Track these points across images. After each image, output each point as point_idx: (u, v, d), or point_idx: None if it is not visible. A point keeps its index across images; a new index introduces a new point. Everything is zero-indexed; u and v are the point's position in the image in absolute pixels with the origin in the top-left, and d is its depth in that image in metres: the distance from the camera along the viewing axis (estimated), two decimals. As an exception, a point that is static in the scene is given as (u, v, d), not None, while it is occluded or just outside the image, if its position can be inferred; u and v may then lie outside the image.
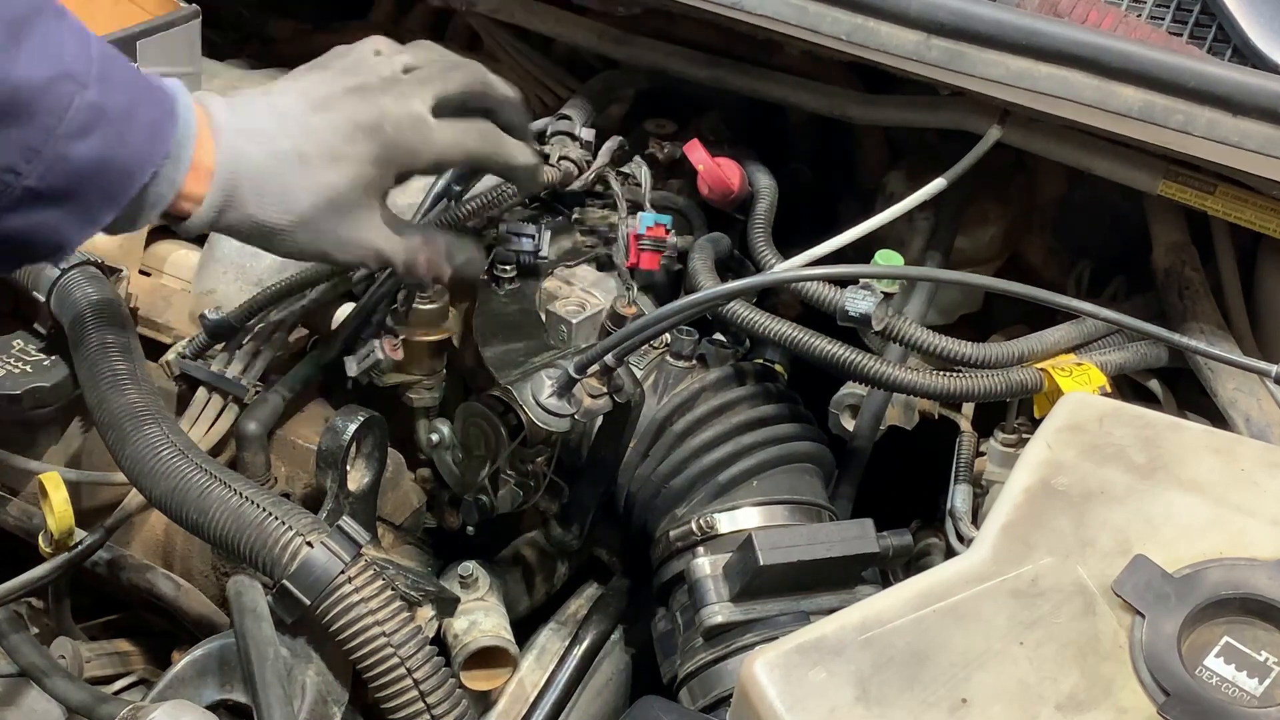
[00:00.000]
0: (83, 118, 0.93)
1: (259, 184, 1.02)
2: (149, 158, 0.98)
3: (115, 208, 0.98)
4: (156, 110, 0.98)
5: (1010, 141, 1.25)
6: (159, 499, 1.11)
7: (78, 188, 0.95)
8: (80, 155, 0.94)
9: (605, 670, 1.28)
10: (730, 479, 1.20)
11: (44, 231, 0.97)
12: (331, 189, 1.05)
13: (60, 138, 0.93)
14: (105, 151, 0.95)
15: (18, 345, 1.35)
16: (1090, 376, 1.17)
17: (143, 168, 0.97)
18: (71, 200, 0.96)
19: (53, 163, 0.93)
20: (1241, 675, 0.83)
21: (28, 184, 0.93)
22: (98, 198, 0.97)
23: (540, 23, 1.52)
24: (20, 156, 0.92)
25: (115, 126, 0.95)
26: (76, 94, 0.93)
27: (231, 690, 1.07)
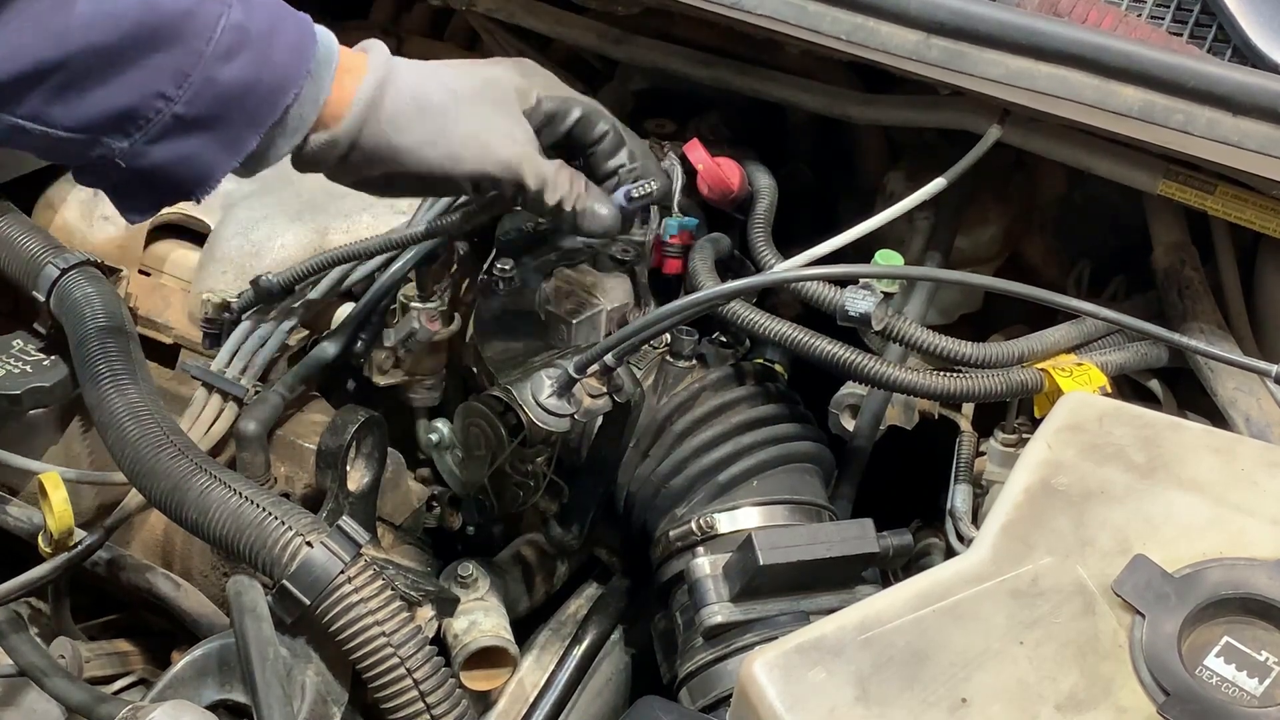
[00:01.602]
0: (229, 39, 0.94)
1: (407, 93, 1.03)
2: (293, 77, 0.99)
3: (259, 131, 0.98)
4: (296, 30, 1.00)
5: (1010, 141, 1.25)
6: (159, 499, 1.11)
7: (224, 112, 0.96)
8: (228, 77, 0.95)
9: (605, 670, 1.28)
10: (730, 479, 1.20)
11: (190, 162, 0.98)
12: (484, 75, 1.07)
13: (209, 60, 0.93)
14: (251, 72, 0.96)
15: (18, 345, 1.35)
16: (1091, 377, 1.17)
17: (285, 88, 0.98)
18: (218, 125, 0.97)
19: (201, 87, 0.94)
20: (1242, 675, 0.83)
21: (177, 110, 0.94)
22: (243, 121, 0.98)
23: (540, 23, 1.52)
24: (171, 82, 0.93)
25: (259, 47, 0.96)
26: (223, 14, 0.94)
27: (231, 690, 1.07)
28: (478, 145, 1.06)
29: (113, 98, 0.93)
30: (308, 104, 1.00)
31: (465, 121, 1.06)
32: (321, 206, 1.43)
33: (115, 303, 1.29)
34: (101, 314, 1.25)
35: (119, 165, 0.97)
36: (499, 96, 1.08)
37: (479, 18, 1.59)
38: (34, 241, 1.34)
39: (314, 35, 1.01)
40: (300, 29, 1.00)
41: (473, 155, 1.06)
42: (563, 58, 1.62)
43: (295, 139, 1.01)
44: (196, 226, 1.46)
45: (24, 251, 1.33)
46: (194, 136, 0.97)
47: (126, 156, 0.97)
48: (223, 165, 0.99)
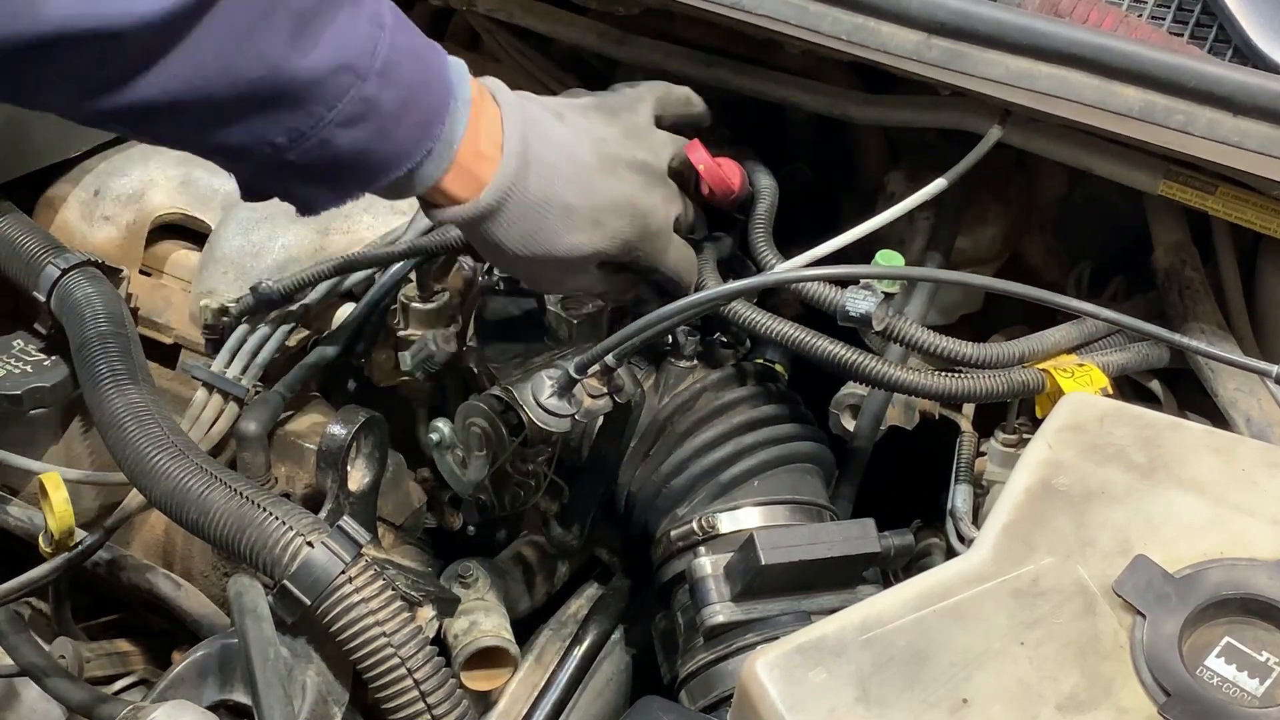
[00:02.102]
0: (354, 109, 0.96)
1: (523, 216, 1.06)
2: (409, 154, 1.01)
3: (365, 189, 1.03)
4: (428, 110, 1.01)
5: (1010, 141, 1.25)
6: (159, 499, 1.11)
7: (333, 170, 0.99)
8: (342, 143, 0.97)
9: (605, 670, 1.28)
10: (731, 479, 1.20)
11: (294, 195, 1.03)
12: (573, 248, 1.09)
13: (328, 125, 0.95)
14: (368, 144, 0.98)
15: (18, 345, 1.35)
16: (1092, 377, 1.17)
17: (400, 162, 1.00)
18: (325, 178, 1.00)
19: (315, 146, 0.96)
20: (1242, 675, 0.83)
21: (287, 158, 0.96)
22: (350, 180, 1.01)
23: (540, 23, 1.52)
24: (285, 136, 0.95)
25: (383, 122, 0.98)
26: (353, 86, 0.95)
27: (231, 690, 1.07)
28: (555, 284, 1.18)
29: (227, 137, 0.96)
30: (421, 178, 1.03)
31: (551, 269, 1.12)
32: (322, 206, 1.43)
33: (116, 303, 1.29)
34: (102, 314, 1.25)
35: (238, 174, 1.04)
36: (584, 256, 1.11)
37: (479, 18, 1.58)
38: (34, 241, 1.34)
39: (444, 112, 1.01)
40: (431, 110, 1.01)
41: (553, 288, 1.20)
42: (563, 58, 1.62)
43: (409, 195, 1.05)
44: (197, 226, 1.46)
45: (24, 251, 1.33)
46: (302, 181, 1.00)
47: (239, 173, 1.03)
48: (328, 204, 1.04)
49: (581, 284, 1.16)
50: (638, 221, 1.12)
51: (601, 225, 1.09)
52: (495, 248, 1.08)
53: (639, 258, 1.14)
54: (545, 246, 1.08)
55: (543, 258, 1.09)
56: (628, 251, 1.13)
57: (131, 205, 1.46)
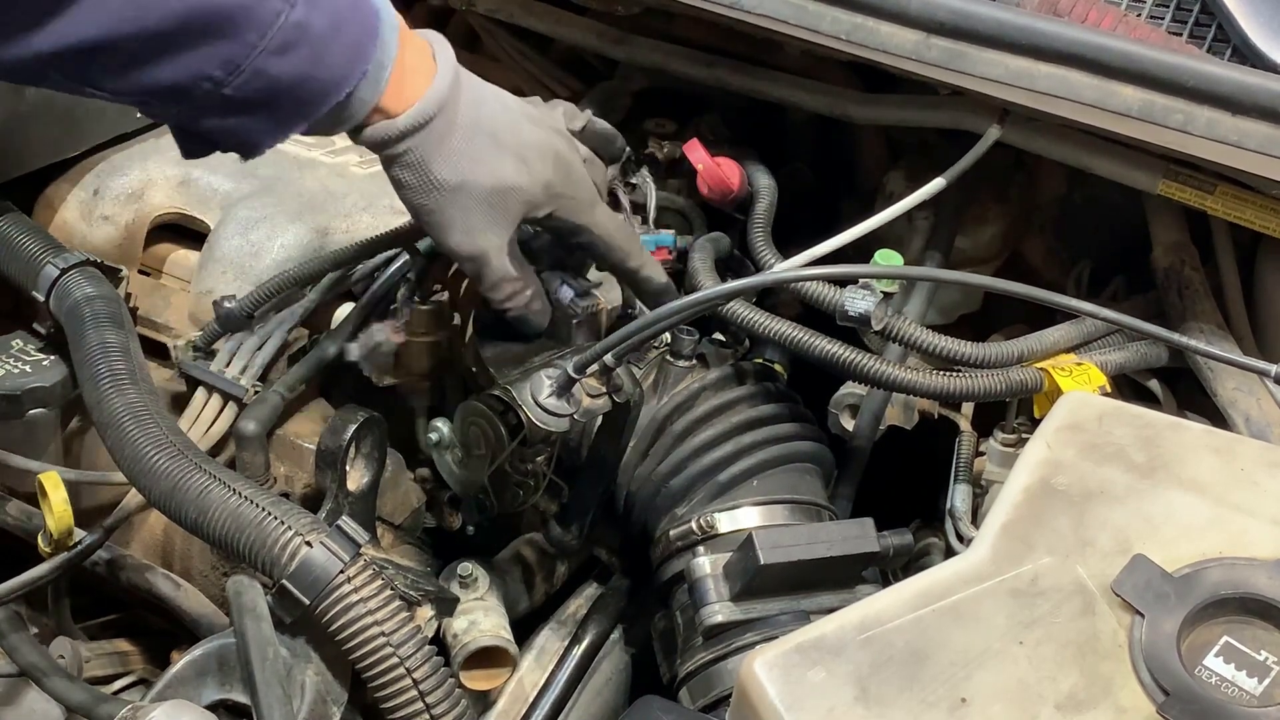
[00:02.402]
0: (285, 36, 0.97)
1: (454, 133, 1.07)
2: (345, 78, 1.02)
3: (306, 120, 1.03)
4: (359, 31, 1.02)
5: (1010, 141, 1.25)
6: (158, 499, 1.10)
7: (272, 100, 1.00)
8: (278, 71, 0.98)
9: (605, 670, 1.28)
10: (730, 478, 1.20)
11: (238, 133, 1.03)
12: (502, 177, 1.10)
13: (262, 54, 0.96)
14: (303, 69, 0.99)
15: (18, 345, 1.35)
16: (1090, 376, 1.17)
17: (338, 87, 1.02)
18: (265, 110, 1.00)
19: (251, 77, 0.97)
20: (1241, 675, 0.83)
21: (225, 92, 0.97)
22: (291, 109, 1.01)
23: (540, 23, 1.52)
24: (220, 69, 0.96)
25: (316, 46, 0.99)
26: (282, 12, 0.96)
27: (231, 690, 1.07)
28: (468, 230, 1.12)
29: (162, 76, 0.97)
30: (357, 104, 1.04)
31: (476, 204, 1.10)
32: (321, 206, 1.43)
33: (115, 303, 1.29)
34: (101, 314, 1.25)
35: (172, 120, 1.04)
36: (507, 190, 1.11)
37: (479, 17, 1.59)
38: (34, 241, 1.34)
39: (376, 35, 1.03)
40: (363, 29, 1.02)
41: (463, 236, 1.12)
42: (563, 58, 1.62)
43: (345, 127, 1.06)
44: (196, 226, 1.46)
45: (24, 251, 1.33)
46: (242, 116, 1.01)
47: (177, 119, 1.03)
48: (269, 140, 1.04)
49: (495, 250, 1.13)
50: (561, 167, 1.13)
51: (527, 163, 1.11)
52: (421, 171, 1.08)
53: (563, 209, 1.14)
54: (472, 173, 1.08)
55: (465, 187, 1.09)
56: (550, 198, 1.13)
57: (130, 205, 1.46)
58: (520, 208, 1.12)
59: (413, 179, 1.10)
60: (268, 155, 1.17)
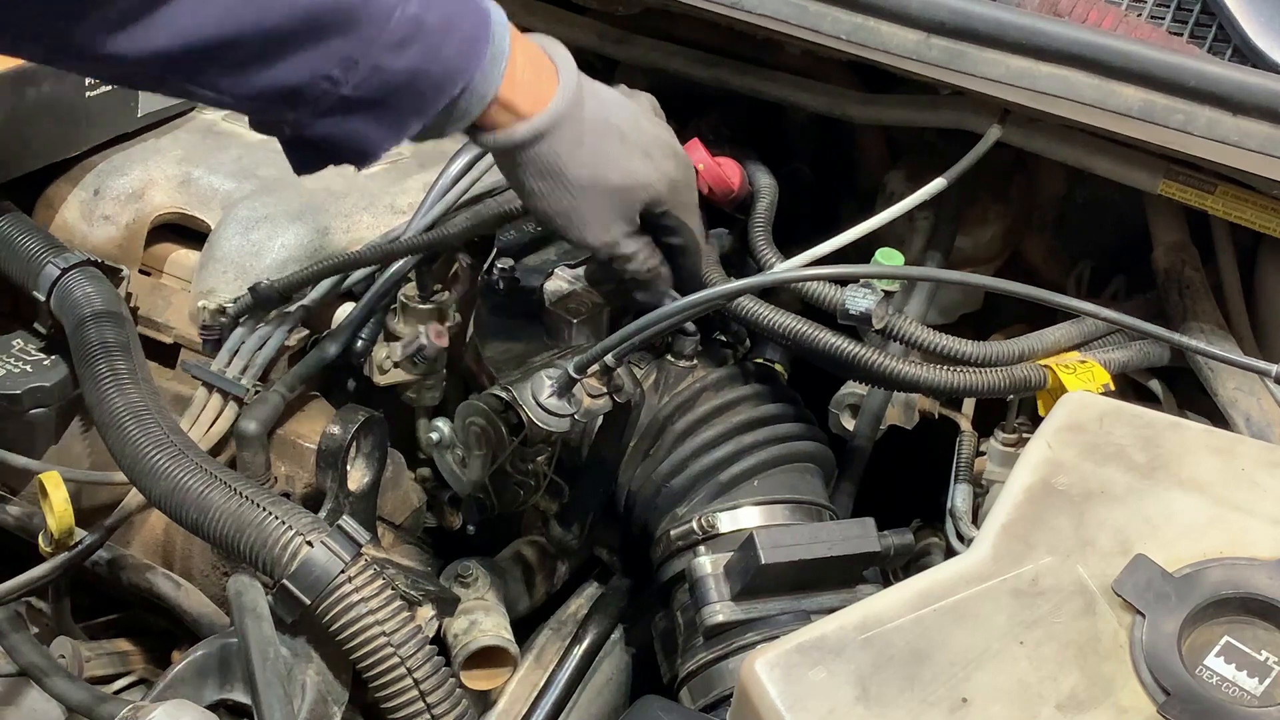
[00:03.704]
0: (403, 31, 0.97)
1: (584, 132, 1.08)
2: (461, 72, 1.01)
3: (423, 118, 1.02)
4: (472, 25, 1.02)
5: (1010, 141, 1.25)
6: (159, 499, 1.11)
7: (389, 97, 0.99)
8: (396, 67, 0.97)
9: (605, 670, 1.28)
10: (731, 478, 1.20)
11: (353, 137, 1.01)
12: (632, 174, 1.11)
13: (379, 49, 0.96)
14: (420, 64, 0.99)
15: (18, 345, 1.35)
16: (1094, 374, 1.17)
17: (454, 81, 1.01)
18: (382, 109, 0.99)
19: (369, 74, 0.97)
20: (1242, 675, 0.83)
21: (344, 93, 0.97)
22: (408, 107, 1.01)
23: (540, 23, 1.52)
24: (339, 66, 0.96)
25: (432, 40, 0.99)
26: (399, 6, 0.96)
27: (231, 690, 1.07)
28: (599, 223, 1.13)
29: (280, 77, 0.96)
30: (473, 98, 1.03)
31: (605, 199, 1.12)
32: (321, 206, 1.43)
33: (115, 303, 1.29)
34: (102, 314, 1.25)
35: (285, 131, 1.02)
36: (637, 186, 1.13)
37: (479, 18, 1.58)
38: (34, 241, 1.34)
39: (488, 30, 1.03)
40: (476, 23, 1.03)
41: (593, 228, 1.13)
42: (563, 58, 1.62)
43: (460, 125, 1.05)
44: (197, 226, 1.46)
45: (24, 251, 1.33)
46: (358, 117, 0.99)
47: (293, 126, 1.01)
48: (385, 143, 1.03)
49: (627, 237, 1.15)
50: (680, 163, 1.16)
51: (652, 158, 1.13)
52: (552, 171, 1.08)
53: (678, 206, 1.17)
54: (605, 170, 1.09)
55: (601, 183, 1.10)
56: (671, 193, 1.15)
57: (131, 205, 1.46)
58: (646, 200, 1.14)
59: (541, 183, 1.09)
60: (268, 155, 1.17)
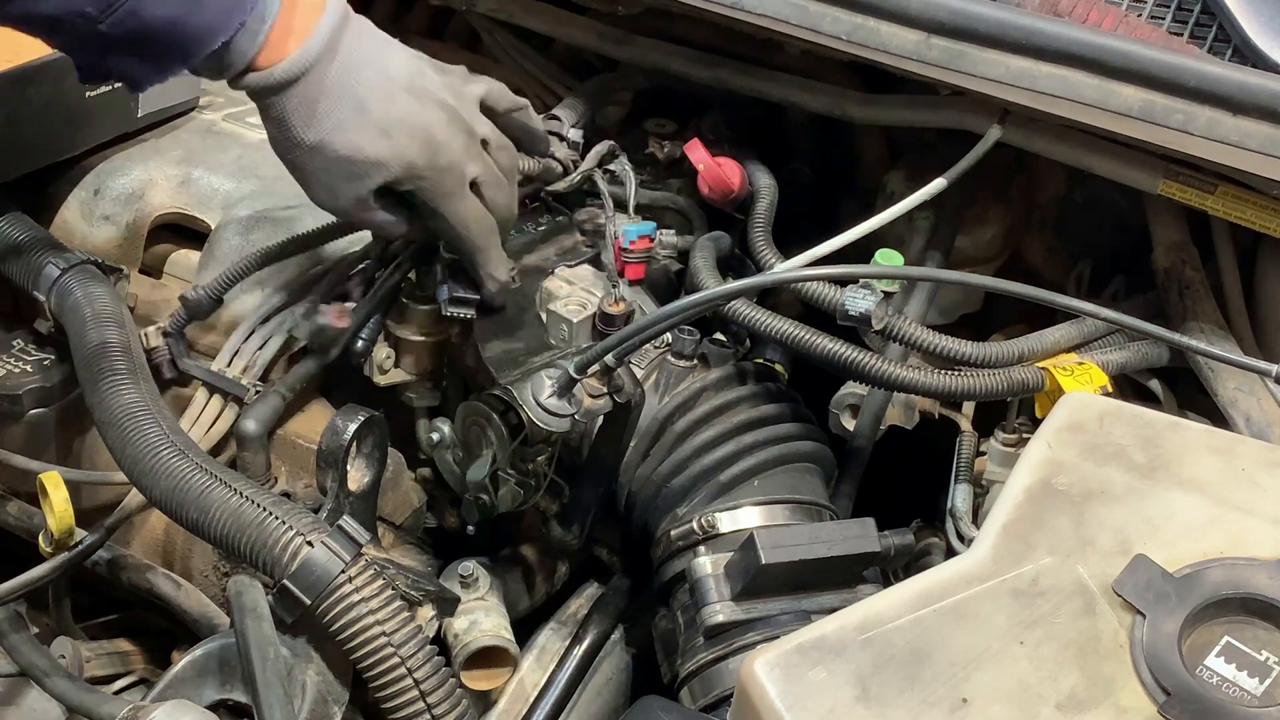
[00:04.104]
0: None
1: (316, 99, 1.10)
2: (222, 28, 1.06)
3: (184, 64, 1.07)
4: None
5: (1010, 141, 1.25)
6: (159, 499, 1.10)
7: (149, 41, 1.04)
8: (152, 14, 1.03)
9: (605, 670, 1.28)
10: (731, 478, 1.20)
11: (120, 70, 1.08)
12: (358, 150, 1.11)
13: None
14: (178, 14, 1.04)
15: (18, 345, 1.35)
16: (1092, 376, 1.17)
17: (214, 35, 1.06)
18: (144, 51, 1.06)
19: (124, 16, 1.02)
20: (1242, 675, 0.83)
21: (100, 29, 1.02)
22: (168, 54, 1.06)
23: (540, 23, 1.52)
24: (93, 5, 1.01)
25: None
26: None
27: (231, 690, 1.07)
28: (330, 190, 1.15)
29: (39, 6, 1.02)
30: (236, 54, 1.07)
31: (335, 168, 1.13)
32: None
33: (115, 303, 1.28)
34: (102, 314, 1.25)
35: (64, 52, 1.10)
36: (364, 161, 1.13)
37: (479, 18, 1.59)
38: (34, 241, 1.34)
39: None
40: None
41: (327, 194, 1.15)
42: (564, 58, 1.62)
43: (227, 75, 1.10)
44: (197, 226, 1.46)
45: (24, 251, 1.33)
46: (121, 55, 1.06)
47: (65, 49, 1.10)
48: (151, 79, 1.09)
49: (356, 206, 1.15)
50: (428, 149, 1.13)
51: (390, 138, 1.12)
52: (283, 126, 1.11)
53: (422, 191, 1.15)
54: (328, 137, 1.11)
55: (323, 150, 1.11)
56: (411, 177, 1.14)
57: (131, 205, 1.46)
58: (379, 178, 1.13)
59: (277, 134, 1.13)
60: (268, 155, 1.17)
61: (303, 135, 1.11)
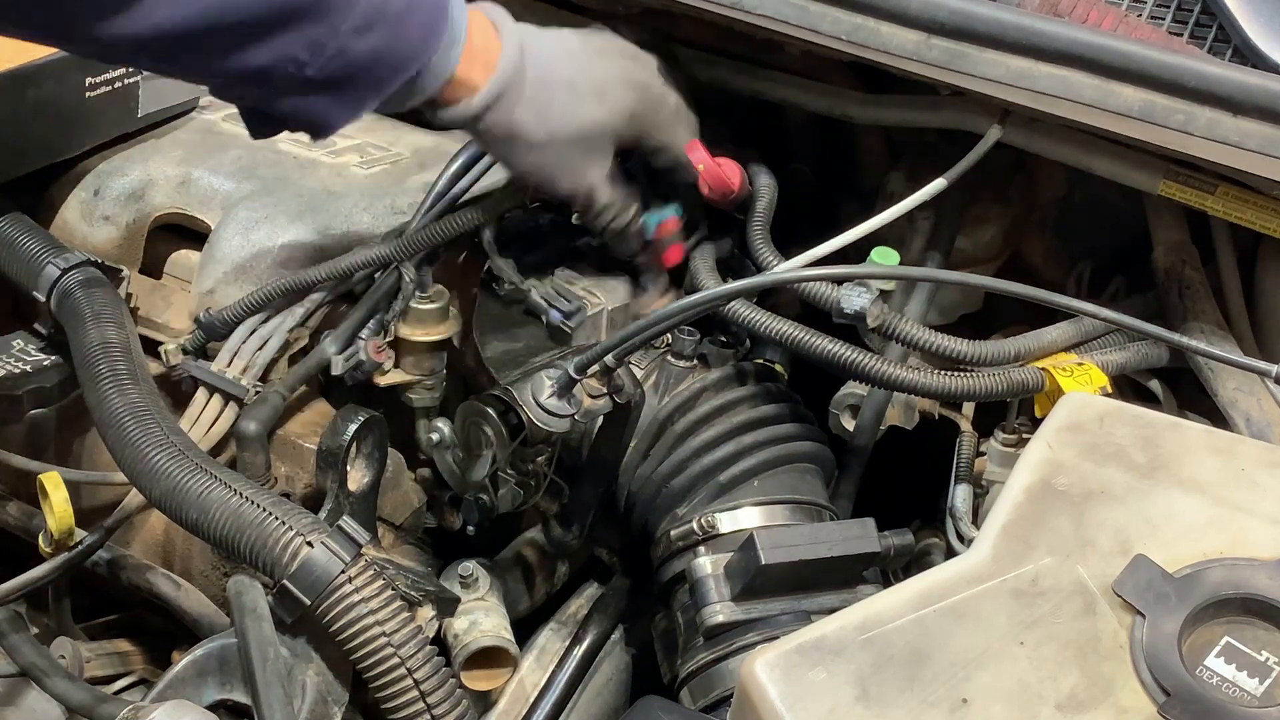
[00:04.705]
0: (366, 15, 1.02)
1: (529, 93, 1.13)
2: (420, 54, 1.07)
3: (380, 96, 1.07)
4: (432, 8, 1.07)
5: (1010, 141, 1.25)
6: (159, 499, 1.11)
7: (350, 78, 1.04)
8: (358, 50, 1.02)
9: (605, 670, 1.28)
10: (731, 478, 1.20)
11: (313, 113, 1.08)
12: (586, 120, 1.16)
13: (344, 34, 1.01)
14: (381, 47, 1.04)
15: (18, 345, 1.35)
16: (1091, 376, 1.17)
17: (411, 63, 1.07)
18: (342, 88, 1.05)
19: (333, 57, 1.02)
20: (1242, 675, 0.83)
21: (308, 74, 1.02)
22: (367, 87, 1.06)
23: (540, 22, 1.51)
24: (306, 50, 1.01)
25: (393, 23, 1.04)
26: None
27: (231, 690, 1.07)
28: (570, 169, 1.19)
29: (250, 60, 1.00)
30: (430, 78, 1.09)
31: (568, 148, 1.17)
32: (321, 206, 1.43)
33: (115, 303, 1.29)
34: (102, 314, 1.25)
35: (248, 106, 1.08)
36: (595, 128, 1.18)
37: (479, 18, 1.58)
38: (34, 241, 1.34)
39: (446, 14, 1.08)
40: (435, 6, 1.07)
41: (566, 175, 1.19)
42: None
43: (417, 102, 1.11)
44: (197, 226, 1.46)
45: (24, 251, 1.33)
46: (319, 95, 1.05)
47: (256, 102, 1.07)
48: (342, 119, 1.08)
49: (597, 177, 1.20)
50: (639, 91, 1.19)
51: (606, 97, 1.16)
52: (512, 136, 1.14)
53: (650, 132, 1.21)
54: (559, 122, 1.14)
55: (559, 137, 1.15)
56: (636, 122, 1.19)
57: (131, 205, 1.46)
58: (611, 139, 1.19)
59: (503, 150, 1.16)
60: (268, 155, 1.18)
61: (532, 134, 1.14)
